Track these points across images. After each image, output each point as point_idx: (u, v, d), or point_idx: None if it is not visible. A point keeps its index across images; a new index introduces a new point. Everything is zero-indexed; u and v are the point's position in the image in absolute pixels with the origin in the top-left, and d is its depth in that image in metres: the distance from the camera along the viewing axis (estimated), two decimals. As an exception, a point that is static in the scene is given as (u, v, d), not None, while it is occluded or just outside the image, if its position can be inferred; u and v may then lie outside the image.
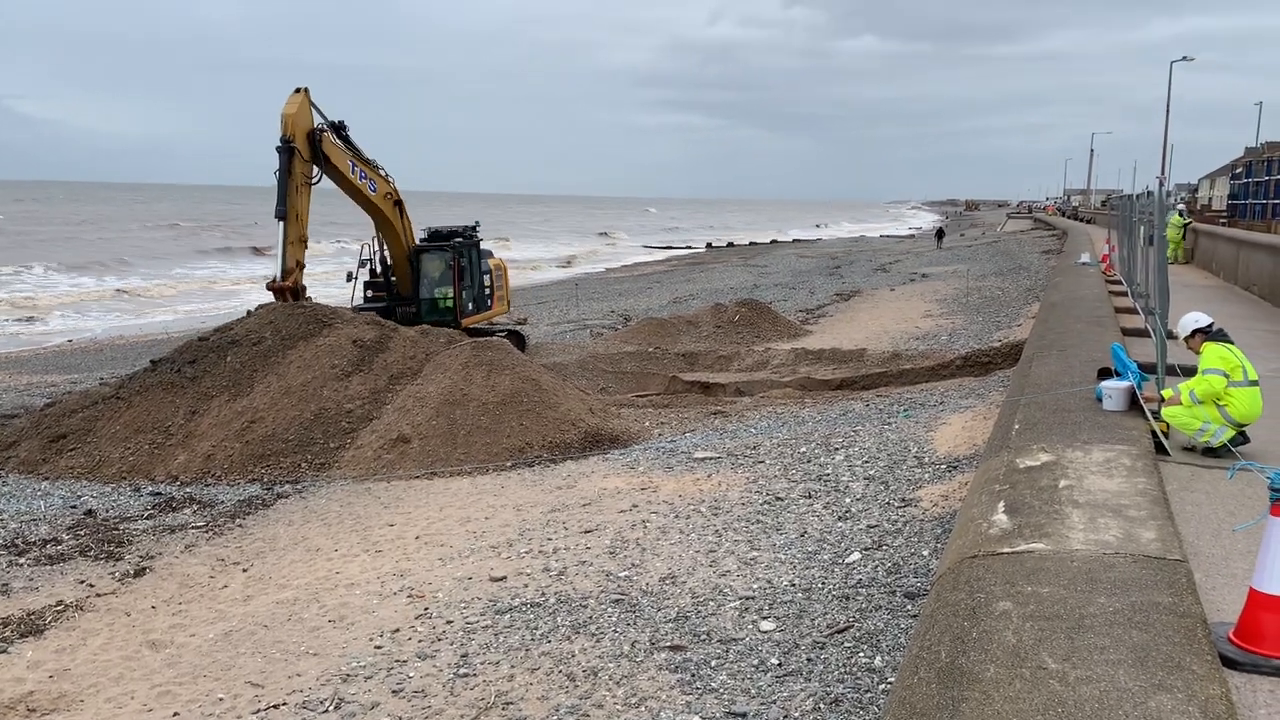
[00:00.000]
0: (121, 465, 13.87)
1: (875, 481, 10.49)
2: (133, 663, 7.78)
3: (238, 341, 16.07)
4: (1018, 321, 24.50)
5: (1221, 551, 5.37)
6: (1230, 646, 4.15)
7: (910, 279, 41.36)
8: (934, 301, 31.78)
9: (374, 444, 13.87)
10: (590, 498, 11.17)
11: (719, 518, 9.88)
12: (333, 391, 15.03)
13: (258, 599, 8.96)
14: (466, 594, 8.48)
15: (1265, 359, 11.08)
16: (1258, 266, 19.50)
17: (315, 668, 7.33)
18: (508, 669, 6.95)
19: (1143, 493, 5.84)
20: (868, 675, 6.23)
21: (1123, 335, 12.74)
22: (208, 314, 37.81)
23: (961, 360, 18.71)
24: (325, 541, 10.49)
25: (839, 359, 20.86)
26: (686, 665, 6.69)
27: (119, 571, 9.85)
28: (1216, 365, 7.20)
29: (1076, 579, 4.50)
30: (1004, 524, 5.43)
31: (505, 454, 13.46)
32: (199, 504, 12.23)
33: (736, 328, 25.72)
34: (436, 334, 17.94)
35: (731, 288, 40.11)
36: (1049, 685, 3.51)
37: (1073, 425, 7.67)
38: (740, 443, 13.10)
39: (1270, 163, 42.92)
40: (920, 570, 7.81)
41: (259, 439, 14.11)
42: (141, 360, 21.32)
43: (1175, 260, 27.82)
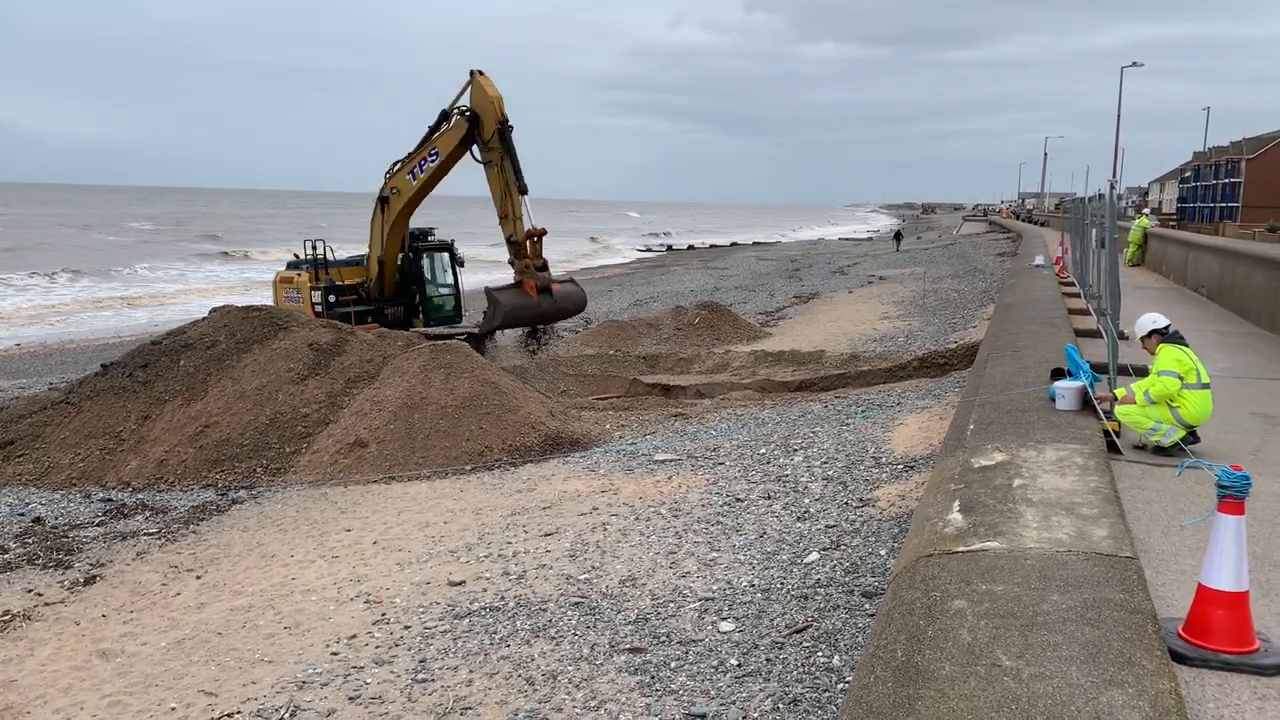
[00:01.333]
0: (71, 471, 13.61)
1: (833, 482, 10.55)
2: (82, 673, 7.62)
3: (191, 345, 15.83)
4: (973, 323, 24.79)
5: (1171, 548, 5.46)
6: (1180, 642, 4.21)
7: (868, 281, 41.71)
8: (891, 304, 32.07)
9: (330, 448, 13.73)
10: (550, 501, 11.13)
11: (679, 519, 9.89)
12: (288, 395, 14.86)
13: (211, 606, 8.82)
14: (425, 599, 8.41)
15: (1213, 359, 11.29)
16: (1205, 268, 19.89)
17: (270, 675, 7.23)
18: (466, 674, 6.90)
19: (1095, 491, 5.92)
20: (826, 674, 6.26)
21: (1076, 336, 12.92)
22: (160, 318, 37.24)
23: (918, 361, 18.88)
24: (281, 547, 10.36)
25: (798, 361, 20.98)
26: (646, 667, 6.68)
27: (68, 580, 9.66)
28: (1172, 367, 7.31)
29: (1030, 577, 4.55)
30: (959, 523, 5.48)
31: (464, 458, 13.37)
32: (151, 510, 12.03)
33: (697, 330, 25.78)
34: (394, 337, 17.81)
35: (692, 290, 40.20)
36: (1003, 682, 3.54)
37: (1026, 425, 7.76)
38: (700, 444, 13.12)
39: (1217, 167, 43.91)
40: (878, 569, 7.86)
41: (213, 444, 13.91)
42: (92, 365, 20.95)
43: (1137, 263, 28.29)
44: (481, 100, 20.07)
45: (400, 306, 22.59)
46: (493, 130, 19.90)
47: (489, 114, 19.93)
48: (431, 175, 21.14)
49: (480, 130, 20.05)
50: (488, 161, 20.20)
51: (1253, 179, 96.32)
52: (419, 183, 21.21)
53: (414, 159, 21.24)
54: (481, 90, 20.11)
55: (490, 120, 19.90)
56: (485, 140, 20.03)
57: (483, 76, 20.23)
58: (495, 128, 19.87)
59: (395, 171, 21.51)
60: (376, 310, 22.19)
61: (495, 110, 19.87)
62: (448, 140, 20.68)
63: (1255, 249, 17.43)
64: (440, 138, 20.84)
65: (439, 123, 20.94)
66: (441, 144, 20.80)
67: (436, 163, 20.93)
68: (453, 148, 20.69)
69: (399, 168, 21.47)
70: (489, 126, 19.92)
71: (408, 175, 21.30)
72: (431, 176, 21.17)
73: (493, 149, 20.05)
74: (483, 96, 20.07)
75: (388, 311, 22.28)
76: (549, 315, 21.43)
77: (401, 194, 21.40)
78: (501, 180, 20.11)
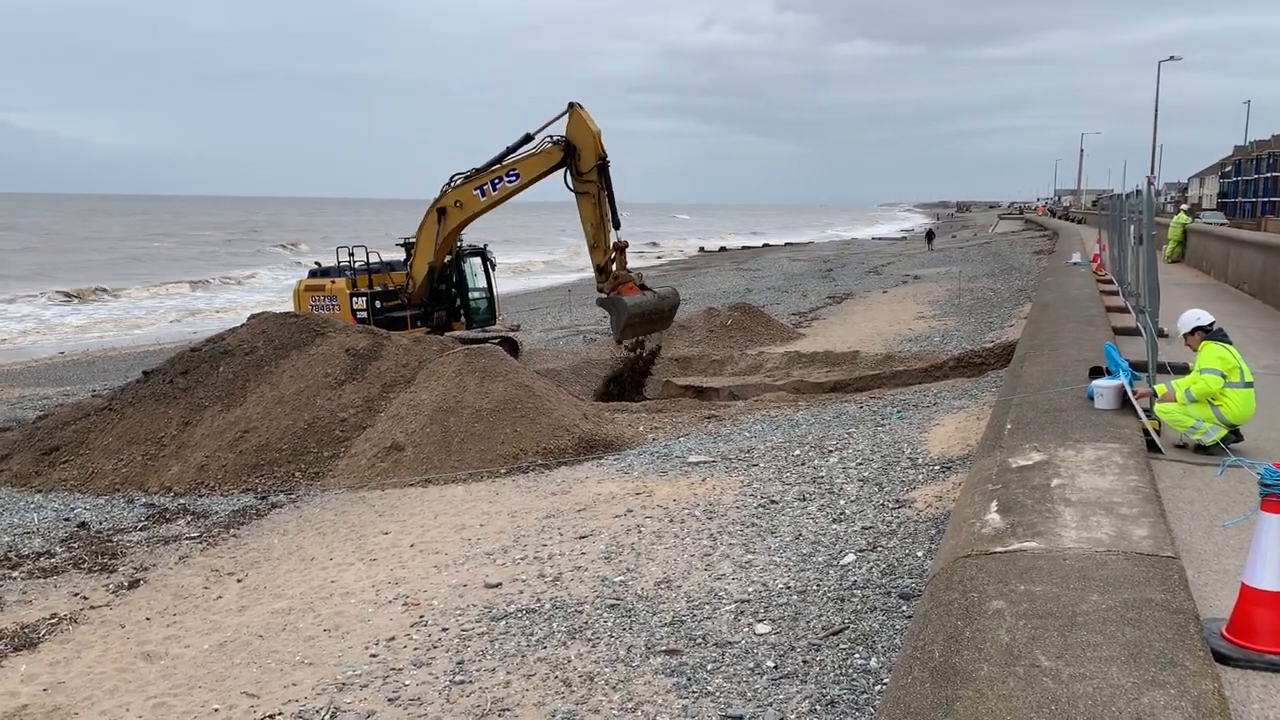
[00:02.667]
0: (114, 477, 13.84)
1: (869, 483, 10.50)
2: (127, 675, 7.75)
3: (230, 351, 16.04)
4: (1010, 322, 24.55)
5: (1214, 548, 5.39)
6: (1223, 642, 4.16)
7: (902, 281, 41.43)
8: (926, 303, 31.84)
9: (368, 452, 13.86)
10: (585, 503, 11.16)
11: (714, 521, 9.88)
12: (326, 400, 15.01)
13: (252, 609, 8.94)
14: (462, 601, 8.47)
15: (1256, 356, 11.12)
16: (1247, 264, 19.58)
17: (311, 677, 7.31)
18: (504, 675, 6.94)
19: (1135, 490, 5.85)
20: (863, 676, 6.23)
21: (1114, 334, 12.78)
22: (201, 325, 37.78)
23: (954, 361, 18.76)
24: (320, 551, 10.47)
25: (832, 361, 20.89)
26: (682, 669, 6.69)
27: (113, 583, 9.82)
28: (1215, 365, 7.19)
29: (1069, 577, 4.51)
30: (997, 523, 5.44)
31: (499, 461, 13.45)
32: (193, 515, 12.20)
33: (729, 331, 25.74)
34: (429, 342, 17.95)
35: (724, 292, 40.13)
36: (1042, 683, 3.52)
37: (1065, 424, 7.69)
38: (734, 446, 13.11)
39: (1259, 161, 43.20)
40: (915, 571, 7.82)
41: (252, 449, 14.08)
42: (134, 372, 21.27)
43: (1177, 259, 27.92)
44: (582, 133, 20.11)
45: (443, 311, 22.77)
46: (592, 164, 20.01)
47: (589, 147, 20.02)
48: (505, 195, 21.17)
49: (579, 162, 20.14)
50: (584, 193, 20.28)
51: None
52: (489, 200, 21.25)
53: (485, 176, 21.18)
54: (582, 123, 20.15)
55: (590, 154, 19.99)
56: (583, 172, 20.14)
57: (582, 109, 20.32)
58: (595, 162, 19.98)
59: (459, 185, 21.47)
60: (425, 314, 22.39)
61: (595, 144, 20.01)
62: (535, 164, 20.65)
63: (1299, 244, 17.14)
64: (525, 160, 20.80)
65: (519, 144, 20.91)
66: (525, 166, 20.75)
67: (516, 184, 20.93)
68: (539, 173, 20.72)
69: (463, 181, 21.43)
70: (589, 159, 20.02)
71: (475, 190, 21.28)
72: (505, 196, 21.24)
73: (590, 181, 20.15)
74: (583, 128, 20.11)
75: (435, 315, 22.51)
76: (665, 310, 21.35)
77: (465, 208, 21.45)
78: (597, 213, 20.27)
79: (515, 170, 20.93)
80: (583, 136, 20.13)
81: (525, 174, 20.82)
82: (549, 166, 20.57)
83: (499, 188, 21.12)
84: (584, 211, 20.46)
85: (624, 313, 19.67)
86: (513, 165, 20.96)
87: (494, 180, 21.11)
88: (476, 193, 21.31)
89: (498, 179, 21.06)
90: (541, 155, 20.60)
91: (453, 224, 21.67)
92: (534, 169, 20.70)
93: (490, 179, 21.14)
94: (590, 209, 20.28)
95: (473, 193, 21.34)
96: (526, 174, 20.81)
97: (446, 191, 21.61)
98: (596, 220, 20.26)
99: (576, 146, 20.15)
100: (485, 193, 21.25)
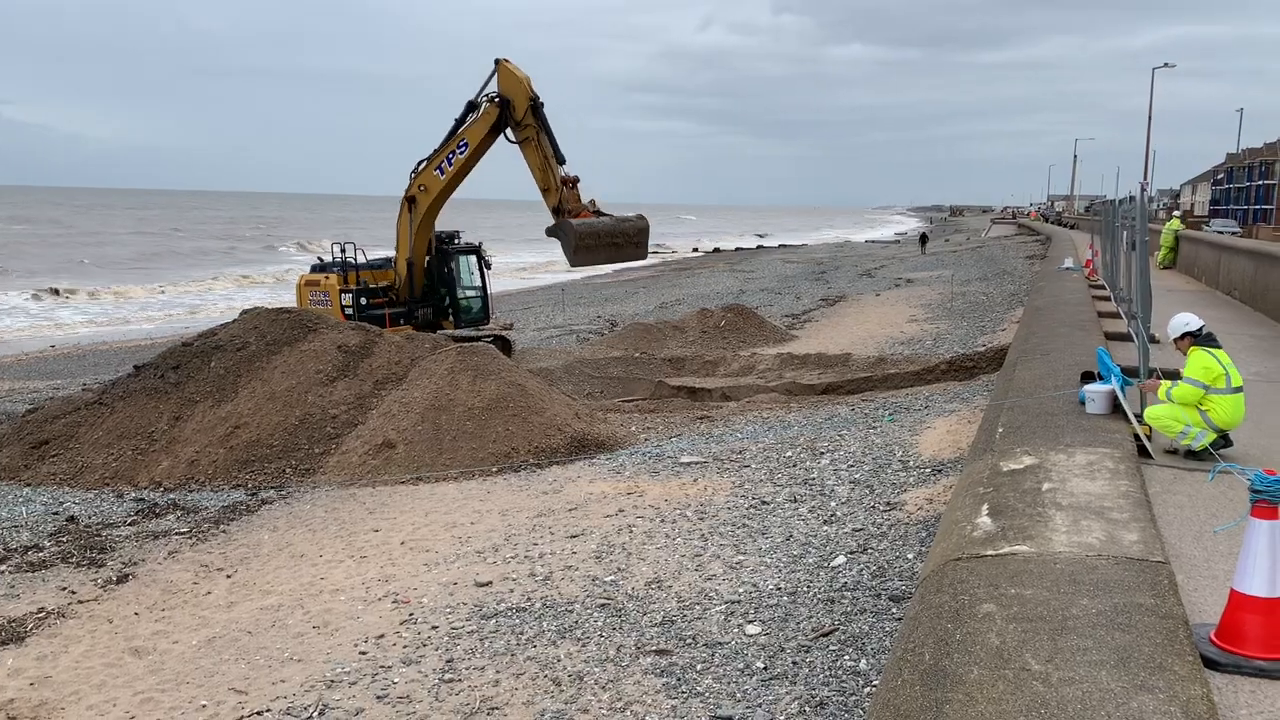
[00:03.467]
0: (104, 471, 13.79)
1: (860, 485, 10.52)
2: (115, 670, 7.72)
3: (222, 347, 15.99)
4: (1002, 326, 24.62)
5: (1203, 553, 5.41)
6: (1212, 647, 4.17)
7: (895, 284, 41.50)
8: (919, 306, 31.90)
9: (359, 449, 13.83)
10: (576, 503, 11.16)
11: (705, 522, 9.89)
12: (317, 397, 14.98)
13: (241, 605, 8.91)
14: (452, 599, 8.46)
15: (1246, 363, 11.16)
16: (1238, 271, 19.66)
17: (299, 674, 7.29)
18: (493, 674, 6.93)
19: (1125, 495, 5.87)
20: (853, 678, 6.24)
21: (1105, 339, 12.81)
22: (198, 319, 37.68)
23: (946, 365, 18.77)
24: (310, 547, 10.45)
25: (824, 364, 20.91)
26: (672, 669, 6.69)
27: (101, 578, 9.78)
28: (1197, 375, 7.21)
29: (1059, 581, 4.52)
30: (988, 527, 5.45)
31: (491, 459, 13.43)
32: (182, 510, 12.16)
33: (722, 333, 25.75)
34: (421, 339, 17.91)
35: (717, 293, 40.16)
36: (1032, 686, 3.52)
37: (1056, 429, 7.71)
38: (726, 447, 13.11)
39: (1250, 169, 43.35)
40: (905, 573, 7.83)
41: (243, 445, 14.04)
42: (125, 366, 21.21)
43: (1169, 265, 28.02)
44: (510, 83, 20.27)
45: (430, 308, 22.71)
46: (525, 108, 20.04)
47: (519, 94, 20.11)
48: (460, 167, 21.26)
49: (513, 111, 20.21)
50: (525, 140, 20.29)
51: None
52: (447, 177, 21.31)
53: (441, 154, 21.34)
54: (509, 74, 20.30)
55: (521, 99, 20.08)
56: (519, 120, 20.15)
57: (508, 62, 20.44)
58: (527, 105, 20.01)
59: (421, 169, 21.64)
60: (408, 312, 22.33)
61: (525, 89, 20.09)
62: (477, 129, 20.78)
63: (1290, 251, 17.21)
64: (468, 128, 20.96)
65: (464, 115, 21.07)
66: (471, 134, 20.89)
67: (466, 153, 21.02)
68: (483, 136, 20.79)
69: (424, 165, 21.59)
70: (521, 105, 20.09)
71: (435, 171, 21.38)
72: (460, 169, 21.28)
73: (527, 125, 20.16)
74: (511, 79, 20.27)
75: (418, 313, 22.41)
76: (628, 234, 20.59)
77: (430, 190, 21.50)
78: (540, 154, 20.21)
79: (464, 140, 20.95)
80: (512, 87, 20.17)
81: (472, 140, 20.82)
82: (489, 126, 20.55)
83: (453, 161, 21.21)
84: (530, 159, 20.34)
85: (571, 234, 19.47)
86: (461, 136, 21.01)
87: (448, 156, 21.20)
88: (436, 173, 21.40)
89: (451, 154, 21.14)
90: (481, 118, 20.65)
91: (422, 210, 21.62)
92: (478, 133, 20.73)
93: (445, 156, 21.27)
94: (534, 154, 20.19)
95: (433, 173, 21.44)
96: (473, 140, 20.80)
97: (411, 179, 21.71)
98: (541, 162, 20.15)
99: (510, 99, 20.17)
100: (444, 170, 21.30)
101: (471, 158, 21.22)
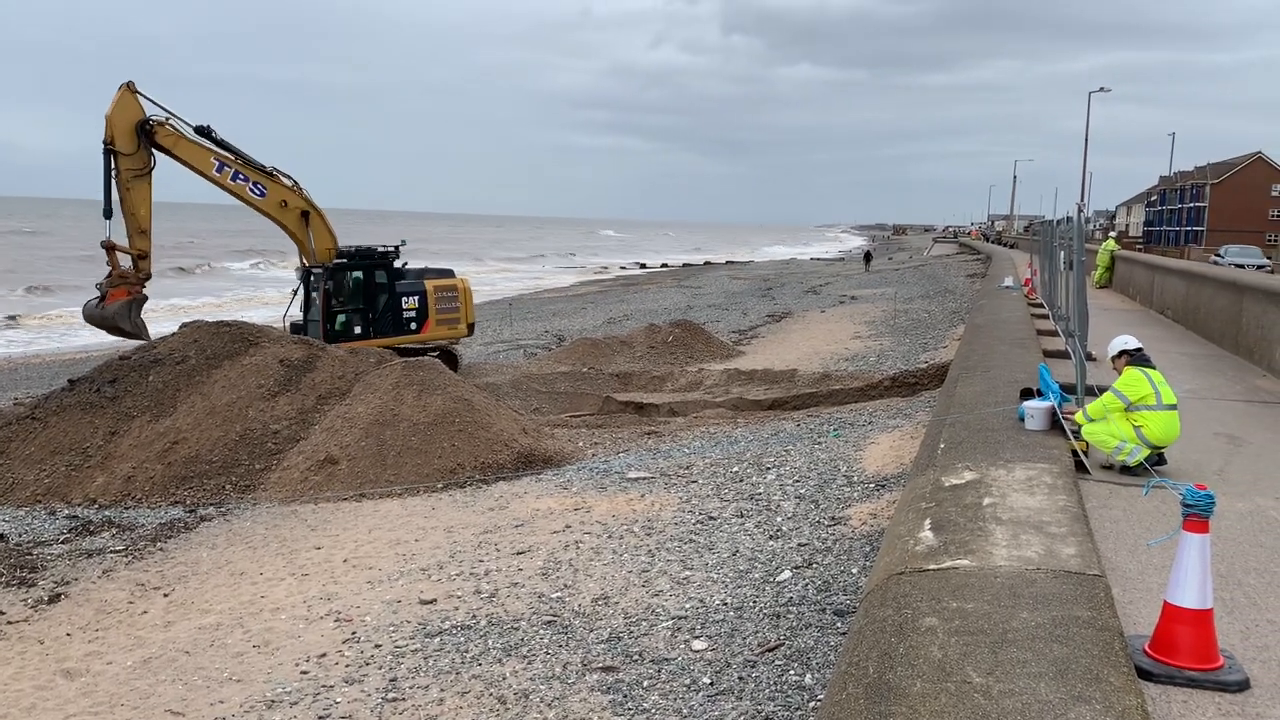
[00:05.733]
0: (36, 488, 13.42)
1: (806, 500, 10.60)
2: (45, 692, 7.51)
3: (160, 360, 15.68)
4: (943, 343, 25.01)
5: (1138, 566, 5.53)
6: (1146, 659, 4.27)
7: (840, 301, 41.99)
8: (863, 323, 32.29)
9: (301, 465, 13.62)
10: (523, 519, 11.10)
11: (652, 538, 9.89)
12: (259, 412, 14.74)
13: (179, 624, 8.72)
14: (396, 617, 8.36)
15: (1179, 380, 11.45)
16: (1172, 291, 20.19)
17: (239, 694, 7.15)
18: (437, 693, 6.86)
19: (1063, 510, 5.99)
20: (798, 693, 6.27)
21: (1045, 356, 13.07)
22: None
23: (890, 381, 19.01)
24: (250, 565, 10.26)
25: (771, 379, 21.06)
26: (619, 686, 6.67)
27: (32, 598, 9.51)
28: (1122, 388, 7.49)
29: (1000, 594, 4.60)
30: (930, 541, 5.52)
31: (436, 475, 13.31)
32: (118, 527, 11.88)
33: (670, 348, 25.84)
34: (366, 354, 17.71)
35: (665, 309, 40.30)
36: (973, 699, 3.57)
37: (996, 444, 7.84)
38: (673, 463, 13.14)
39: (1182, 191, 44.69)
40: (850, 588, 7.90)
41: (182, 460, 13.76)
42: (59, 379, 20.68)
43: (1105, 285, 28.67)
44: (114, 111, 18.75)
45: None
46: (129, 138, 18.73)
47: (121, 122, 18.68)
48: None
49: (112, 142, 18.65)
50: (135, 174, 18.87)
51: (1217, 203, 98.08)
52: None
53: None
54: (115, 101, 18.81)
55: (123, 129, 18.71)
56: (124, 151, 18.71)
57: (129, 87, 18.92)
58: (133, 133, 18.74)
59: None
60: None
61: (129, 116, 18.70)
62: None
63: (1219, 273, 17.73)
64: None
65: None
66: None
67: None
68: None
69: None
70: (122, 136, 18.67)
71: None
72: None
73: (134, 155, 18.78)
74: (116, 107, 18.75)
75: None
76: (116, 328, 19.14)
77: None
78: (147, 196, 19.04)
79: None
80: (114, 114, 18.74)
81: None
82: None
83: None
84: (139, 196, 18.96)
85: (85, 312, 18.70)
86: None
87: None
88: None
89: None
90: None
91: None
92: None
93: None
94: (144, 191, 18.90)
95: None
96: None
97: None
98: (149, 207, 18.92)
99: (110, 128, 18.70)
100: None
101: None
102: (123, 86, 18.95)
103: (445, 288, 23.57)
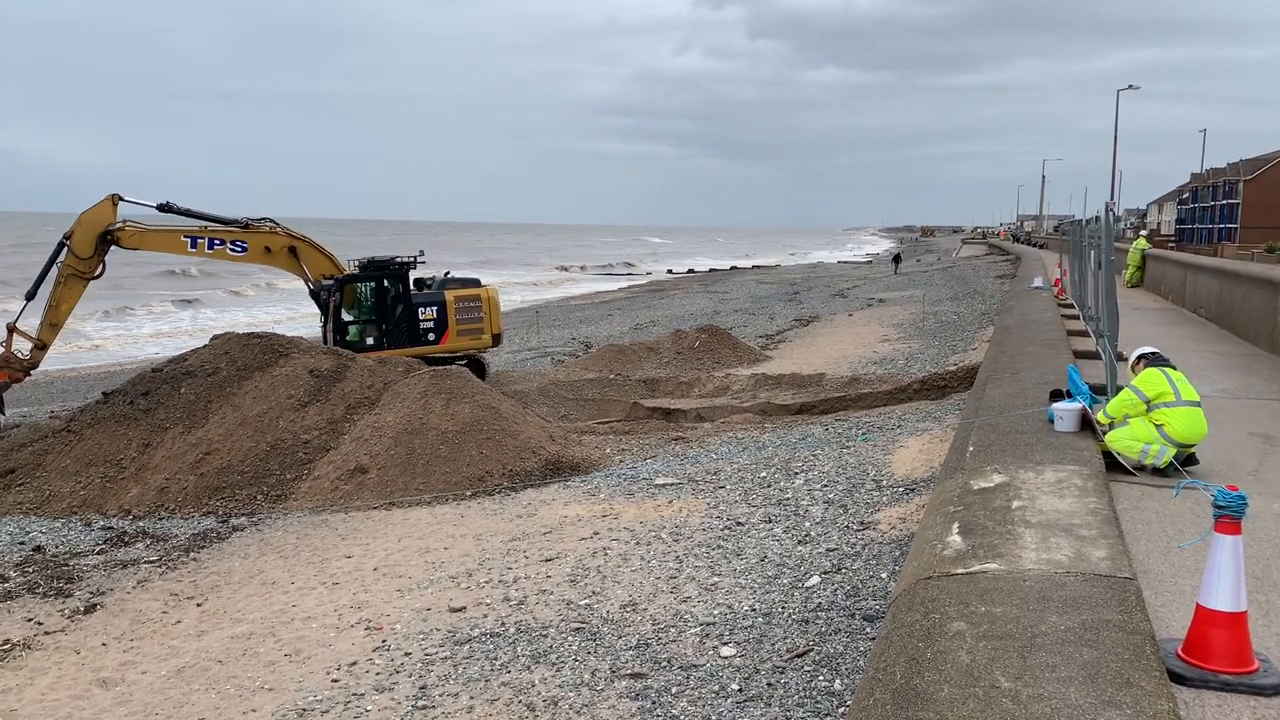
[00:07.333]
0: (72, 499, 13.61)
1: (834, 505, 10.55)
2: (82, 701, 7.60)
3: (192, 372, 15.87)
4: (973, 345, 24.82)
5: (1170, 569, 5.46)
6: (1178, 662, 4.21)
7: (867, 304, 41.79)
8: (891, 326, 32.12)
9: (331, 475, 13.73)
10: (551, 526, 11.12)
11: (680, 544, 9.88)
12: (289, 422, 14.87)
13: (212, 634, 8.81)
14: (425, 625, 8.40)
15: (1212, 379, 11.32)
16: (1204, 289, 19.94)
17: (271, 703, 7.21)
18: (467, 700, 6.88)
19: (1093, 512, 5.93)
20: (827, 699, 6.24)
21: (1075, 357, 12.94)
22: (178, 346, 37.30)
23: (918, 384, 18.89)
24: (281, 574, 10.35)
25: (798, 384, 20.99)
26: (647, 693, 6.67)
27: (68, 608, 9.64)
28: (1139, 385, 7.46)
29: (1029, 598, 4.56)
30: (958, 545, 5.48)
31: (465, 483, 13.37)
32: (152, 538, 12.02)
33: (697, 354, 25.82)
34: (394, 363, 17.83)
35: (692, 314, 40.27)
36: (1002, 704, 3.54)
37: (1025, 447, 7.78)
38: (701, 468, 13.12)
39: (1214, 188, 44.09)
40: (879, 593, 7.85)
41: (214, 471, 13.91)
42: (93, 392, 20.97)
43: (1136, 284, 28.37)
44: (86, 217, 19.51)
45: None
46: (88, 244, 19.32)
47: (86, 229, 19.36)
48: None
49: (71, 244, 19.32)
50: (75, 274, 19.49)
51: (1250, 200, 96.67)
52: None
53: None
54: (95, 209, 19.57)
55: (84, 238, 19.33)
56: (80, 255, 19.32)
57: (113, 198, 19.66)
58: (92, 242, 19.34)
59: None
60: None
61: (97, 226, 19.35)
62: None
63: (1253, 270, 17.47)
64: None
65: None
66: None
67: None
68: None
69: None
70: (82, 242, 19.30)
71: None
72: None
73: (87, 260, 19.38)
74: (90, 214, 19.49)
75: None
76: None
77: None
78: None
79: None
80: (84, 221, 19.38)
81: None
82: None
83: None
84: (76, 295, 19.62)
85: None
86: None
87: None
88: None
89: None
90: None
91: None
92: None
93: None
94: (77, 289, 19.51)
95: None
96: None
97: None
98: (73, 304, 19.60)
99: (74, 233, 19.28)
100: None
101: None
102: (109, 197, 19.61)
103: (467, 298, 23.18)
